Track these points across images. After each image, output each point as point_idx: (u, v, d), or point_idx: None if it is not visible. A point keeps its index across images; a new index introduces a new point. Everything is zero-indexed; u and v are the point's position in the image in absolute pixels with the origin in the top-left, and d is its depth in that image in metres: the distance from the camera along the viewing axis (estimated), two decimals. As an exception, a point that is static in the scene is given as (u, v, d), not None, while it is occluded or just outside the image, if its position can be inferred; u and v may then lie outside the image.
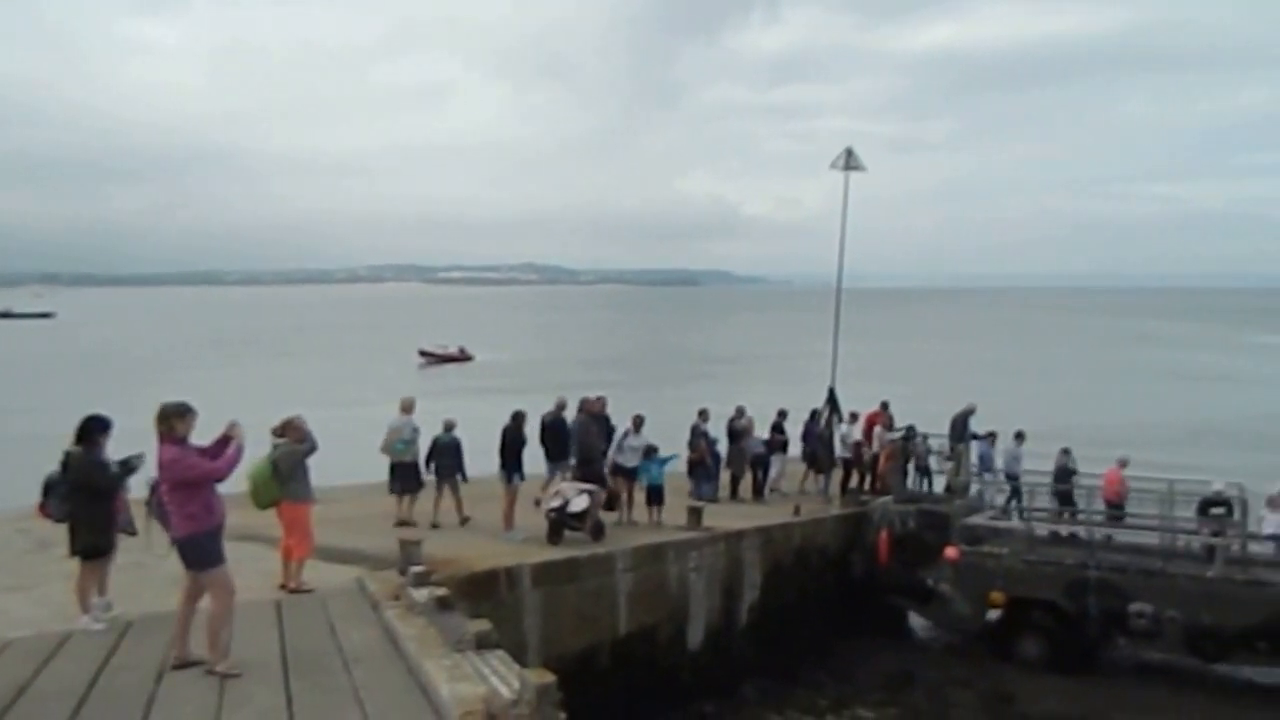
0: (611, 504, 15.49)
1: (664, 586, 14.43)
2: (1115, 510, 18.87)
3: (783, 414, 20.70)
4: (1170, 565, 16.30)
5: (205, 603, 8.04)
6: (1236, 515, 17.21)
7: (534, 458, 15.74)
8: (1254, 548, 16.76)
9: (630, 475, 16.22)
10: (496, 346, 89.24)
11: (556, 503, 14.17)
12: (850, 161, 23.90)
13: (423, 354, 76.80)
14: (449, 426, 15.64)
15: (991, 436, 20.88)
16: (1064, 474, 19.89)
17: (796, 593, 16.99)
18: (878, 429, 21.08)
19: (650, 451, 16.39)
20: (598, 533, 14.28)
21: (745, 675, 15.29)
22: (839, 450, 20.93)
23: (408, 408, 15.53)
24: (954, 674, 16.08)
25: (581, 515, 14.18)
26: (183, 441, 7.69)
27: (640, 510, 16.17)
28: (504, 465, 14.95)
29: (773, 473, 20.10)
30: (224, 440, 7.90)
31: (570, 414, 16.37)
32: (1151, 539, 17.73)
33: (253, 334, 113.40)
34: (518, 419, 15.15)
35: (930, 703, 14.93)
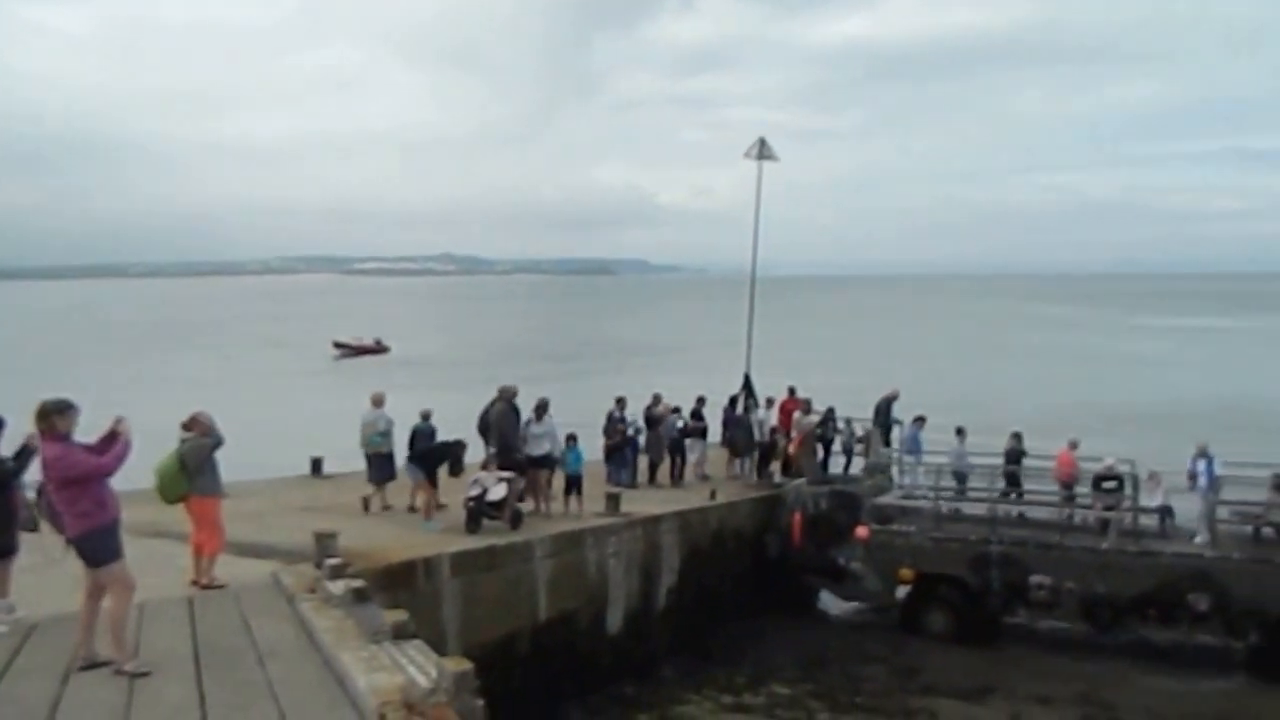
0: (522, 495, 15.33)
1: (583, 572, 14.58)
2: (1067, 491, 19.17)
3: (702, 400, 21.00)
4: (1067, 538, 17.03)
5: (108, 601, 7.89)
6: (1128, 490, 17.98)
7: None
8: (1144, 520, 17.56)
9: (540, 464, 15.98)
10: (414, 338, 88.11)
11: (474, 491, 14.16)
12: (763, 152, 24.28)
13: (337, 346, 75.40)
14: (425, 416, 16.22)
15: (920, 421, 21.03)
16: (1014, 456, 19.94)
17: (713, 574, 17.31)
18: (797, 414, 21.35)
19: (570, 440, 16.49)
20: (516, 521, 14.32)
21: (664, 656, 15.58)
22: (757, 435, 21.24)
23: (379, 401, 16.16)
24: (865, 649, 16.62)
25: (500, 504, 14.19)
26: (65, 438, 7.52)
27: (559, 499, 16.21)
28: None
29: (692, 458, 20.35)
30: (111, 436, 7.75)
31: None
32: (1051, 513, 18.46)
33: (160, 327, 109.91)
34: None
35: (842, 677, 15.39)
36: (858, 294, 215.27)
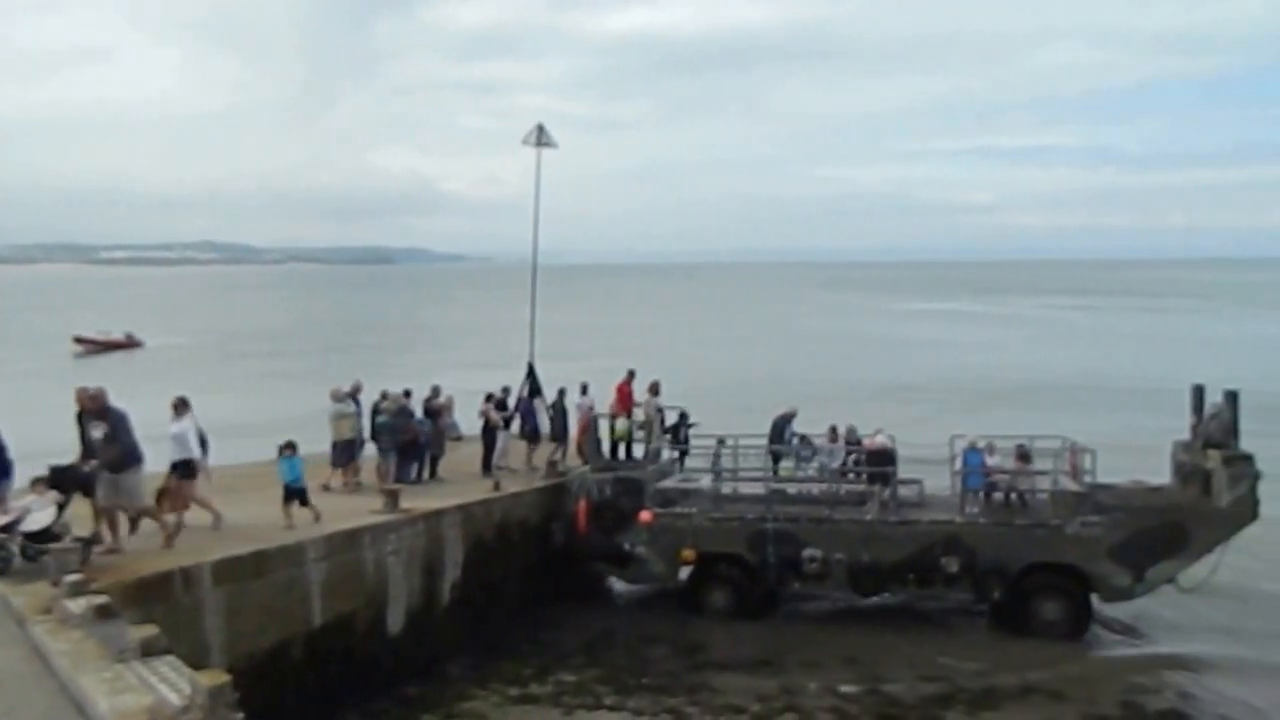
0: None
1: (360, 572, 13.99)
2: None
3: (506, 390, 20.73)
4: (836, 512, 17.96)
5: None
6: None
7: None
8: (903, 491, 18.74)
9: (181, 471, 13.41)
10: (171, 331, 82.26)
11: (6, 519, 11.16)
12: (542, 138, 24.15)
13: (80, 341, 69.15)
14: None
15: (834, 431, 20.50)
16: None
17: (499, 567, 17.09)
18: (649, 397, 20.96)
19: (287, 448, 14.65)
20: (82, 555, 10.72)
21: (449, 654, 15.25)
22: (573, 422, 20.79)
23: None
24: (650, 631, 16.89)
25: (45, 535, 11.07)
26: None
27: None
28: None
29: (497, 449, 19.73)
30: None
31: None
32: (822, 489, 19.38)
33: None
34: None
35: (628, 660, 15.60)
36: (646, 282, 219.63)
